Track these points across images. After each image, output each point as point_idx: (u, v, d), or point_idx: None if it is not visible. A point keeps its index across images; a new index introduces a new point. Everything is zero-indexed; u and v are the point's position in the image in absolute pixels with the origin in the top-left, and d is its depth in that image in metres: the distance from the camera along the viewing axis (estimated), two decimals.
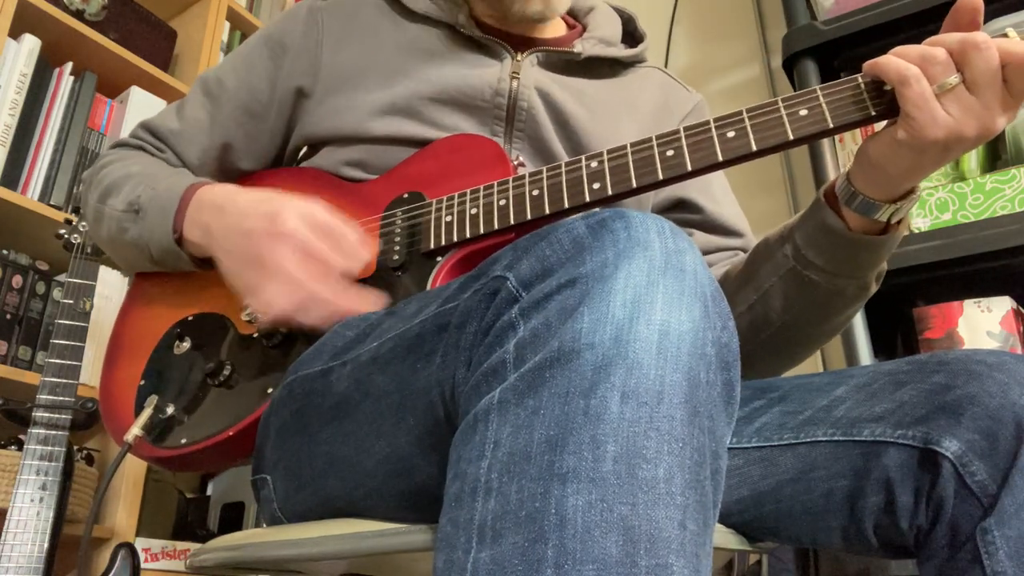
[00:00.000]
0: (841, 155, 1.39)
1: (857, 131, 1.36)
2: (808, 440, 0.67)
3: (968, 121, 0.61)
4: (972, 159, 1.24)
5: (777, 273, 0.77)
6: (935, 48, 0.61)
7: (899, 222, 0.72)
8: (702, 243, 0.93)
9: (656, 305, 0.43)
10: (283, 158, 0.97)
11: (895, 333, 1.40)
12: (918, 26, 1.40)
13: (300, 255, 0.71)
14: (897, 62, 0.62)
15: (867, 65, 0.65)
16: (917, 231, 1.25)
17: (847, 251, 0.72)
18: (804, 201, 1.78)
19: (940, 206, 1.24)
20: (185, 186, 0.83)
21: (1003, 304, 1.18)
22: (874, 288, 0.78)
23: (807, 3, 1.54)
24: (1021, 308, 1.21)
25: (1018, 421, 0.58)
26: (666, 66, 2.02)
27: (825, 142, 1.39)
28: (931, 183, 1.28)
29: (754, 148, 0.66)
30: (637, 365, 0.41)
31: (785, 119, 0.66)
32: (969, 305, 1.20)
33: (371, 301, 0.74)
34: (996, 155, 1.34)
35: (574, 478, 0.39)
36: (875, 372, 0.68)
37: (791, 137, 0.66)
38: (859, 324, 1.26)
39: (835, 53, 1.50)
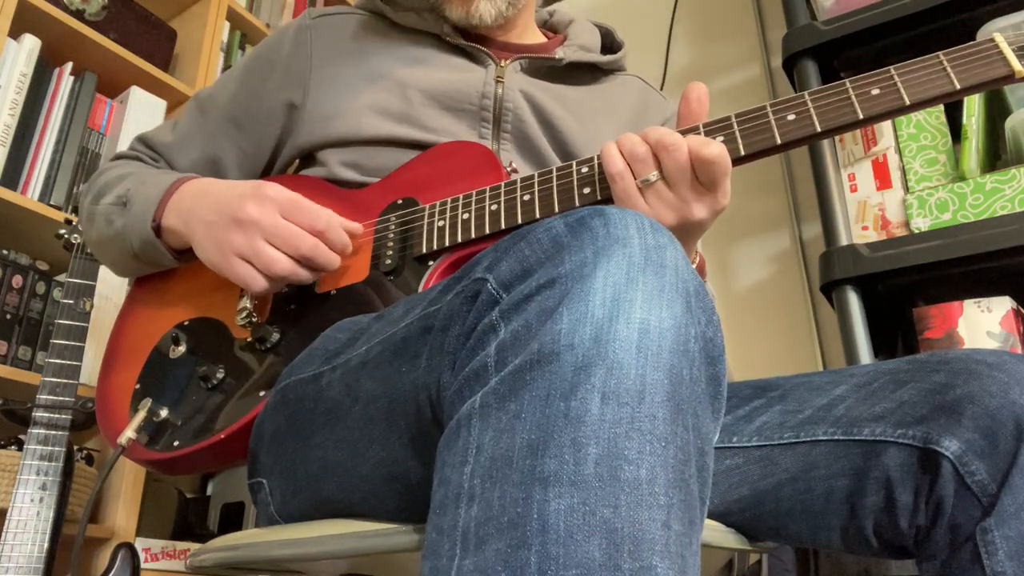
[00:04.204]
0: (841, 155, 1.39)
1: (857, 131, 1.36)
2: (808, 439, 0.67)
3: (666, 212, 0.67)
4: (972, 159, 1.24)
5: None
6: (639, 146, 0.67)
7: None
8: None
9: (636, 303, 0.42)
10: (272, 171, 1.00)
11: (895, 333, 1.40)
12: (918, 26, 1.40)
13: (289, 208, 0.76)
14: (610, 158, 0.68)
15: (600, 156, 0.70)
16: (917, 231, 1.25)
17: None
18: (804, 201, 1.77)
19: (940, 206, 1.24)
20: (172, 179, 0.86)
21: (1003, 304, 1.18)
22: None
23: (807, 3, 1.54)
24: (1021, 308, 1.21)
25: (1018, 421, 0.58)
26: (666, 66, 2.02)
27: (825, 142, 1.39)
28: (931, 183, 1.28)
29: (742, 153, 0.68)
30: (617, 365, 0.40)
31: (774, 124, 0.68)
32: (969, 305, 1.20)
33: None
34: (996, 155, 1.34)
35: (555, 482, 0.38)
36: (875, 371, 0.68)
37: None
38: (859, 324, 1.26)
39: (835, 53, 1.49)
